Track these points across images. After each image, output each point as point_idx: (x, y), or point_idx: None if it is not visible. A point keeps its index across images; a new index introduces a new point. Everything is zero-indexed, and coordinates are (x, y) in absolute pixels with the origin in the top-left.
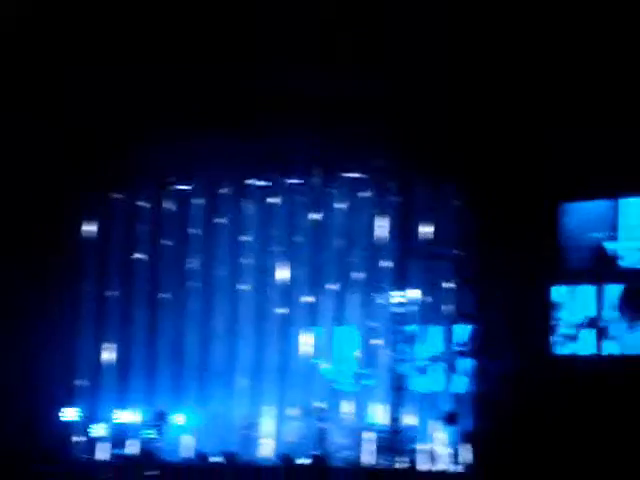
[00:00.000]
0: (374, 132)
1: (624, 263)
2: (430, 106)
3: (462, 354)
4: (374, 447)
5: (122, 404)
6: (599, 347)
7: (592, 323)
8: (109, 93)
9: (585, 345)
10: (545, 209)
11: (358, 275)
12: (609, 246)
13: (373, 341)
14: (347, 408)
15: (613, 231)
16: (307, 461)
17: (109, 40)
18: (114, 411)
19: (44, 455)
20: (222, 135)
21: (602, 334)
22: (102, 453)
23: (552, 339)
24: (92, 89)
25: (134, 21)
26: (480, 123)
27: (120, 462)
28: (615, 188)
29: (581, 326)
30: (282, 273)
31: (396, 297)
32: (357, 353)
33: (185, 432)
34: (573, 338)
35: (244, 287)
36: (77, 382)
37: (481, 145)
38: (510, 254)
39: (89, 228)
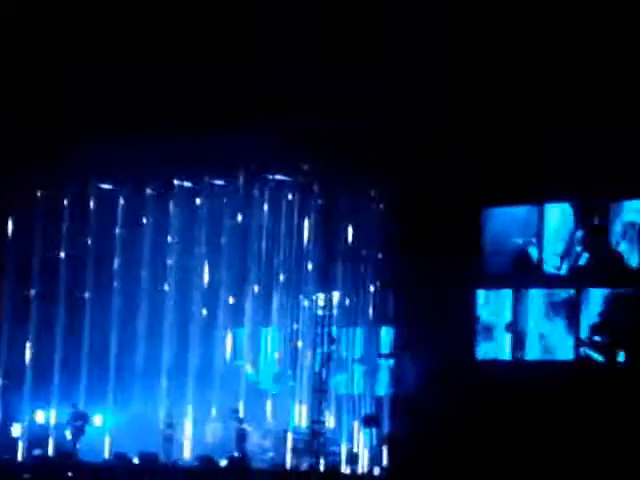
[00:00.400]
0: (299, 135)
1: (546, 268)
2: (355, 110)
3: (384, 356)
4: (294, 449)
5: (41, 404)
6: (519, 351)
7: (513, 327)
8: (39, 92)
9: (506, 349)
10: (468, 214)
11: (281, 277)
12: (531, 251)
13: (295, 343)
14: (268, 410)
15: (536, 236)
16: (227, 462)
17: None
18: (32, 411)
19: None
20: (148, 136)
21: (523, 338)
22: (20, 453)
23: (473, 343)
24: (21, 88)
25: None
26: (402, 129)
27: (38, 462)
28: (538, 194)
29: (502, 330)
30: (206, 274)
31: (319, 299)
32: (279, 354)
33: (104, 433)
34: (494, 342)
35: (167, 288)
36: None
37: (404, 150)
38: (433, 258)
39: (12, 226)
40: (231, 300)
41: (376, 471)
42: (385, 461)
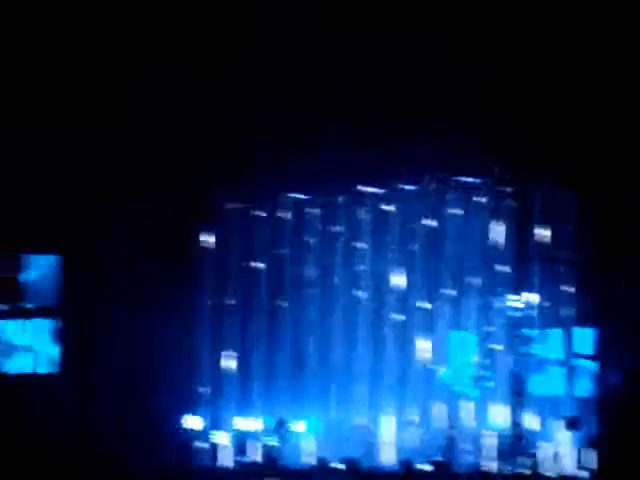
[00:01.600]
0: (490, 137)
1: None
2: (552, 112)
3: (583, 357)
4: (495, 451)
5: (243, 411)
6: None
7: None
8: (224, 112)
9: None
10: None
11: (475, 280)
12: None
13: (491, 345)
14: (467, 412)
15: None
16: (428, 467)
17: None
18: (235, 418)
19: (167, 462)
20: (335, 145)
21: None
22: (224, 460)
23: None
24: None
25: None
26: (600, 131)
27: (242, 469)
28: None
29: None
30: (398, 279)
31: (514, 301)
32: (475, 357)
33: (306, 438)
34: None
35: (360, 294)
36: (199, 390)
37: (600, 150)
38: (633, 258)
39: (207, 238)
40: (424, 305)
41: (580, 474)
42: (590, 464)
